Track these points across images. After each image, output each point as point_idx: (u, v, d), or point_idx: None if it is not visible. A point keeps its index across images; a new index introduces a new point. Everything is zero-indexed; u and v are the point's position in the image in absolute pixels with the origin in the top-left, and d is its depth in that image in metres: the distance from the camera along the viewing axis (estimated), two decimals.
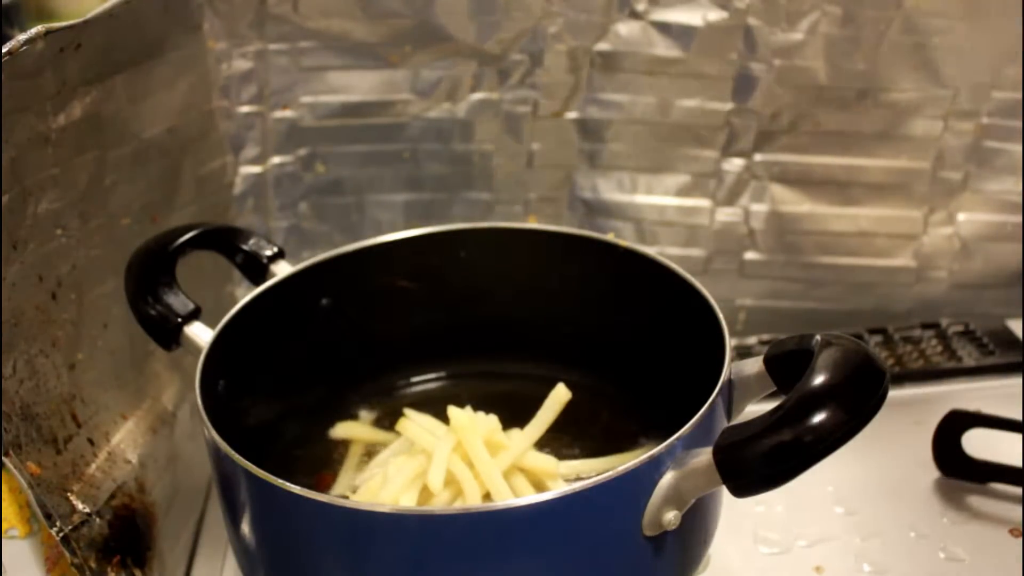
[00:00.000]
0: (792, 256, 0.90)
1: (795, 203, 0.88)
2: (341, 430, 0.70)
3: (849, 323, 0.90)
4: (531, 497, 0.49)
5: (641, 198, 0.88)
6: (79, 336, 0.67)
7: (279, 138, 0.83)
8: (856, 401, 0.48)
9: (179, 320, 0.63)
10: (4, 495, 0.61)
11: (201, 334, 0.63)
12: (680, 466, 0.51)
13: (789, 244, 0.89)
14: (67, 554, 0.60)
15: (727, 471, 0.49)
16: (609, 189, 0.88)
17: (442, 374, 0.75)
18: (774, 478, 0.47)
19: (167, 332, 0.64)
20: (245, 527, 0.55)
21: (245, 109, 0.82)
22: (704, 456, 0.50)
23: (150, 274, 0.65)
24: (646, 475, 0.50)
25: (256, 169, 0.84)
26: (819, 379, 0.48)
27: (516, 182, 0.88)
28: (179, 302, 0.64)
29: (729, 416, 0.57)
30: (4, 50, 0.53)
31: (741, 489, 0.48)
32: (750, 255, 0.90)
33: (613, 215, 0.89)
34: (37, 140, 0.61)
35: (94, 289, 0.68)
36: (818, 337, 0.52)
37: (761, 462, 0.48)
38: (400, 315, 0.73)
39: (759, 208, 0.88)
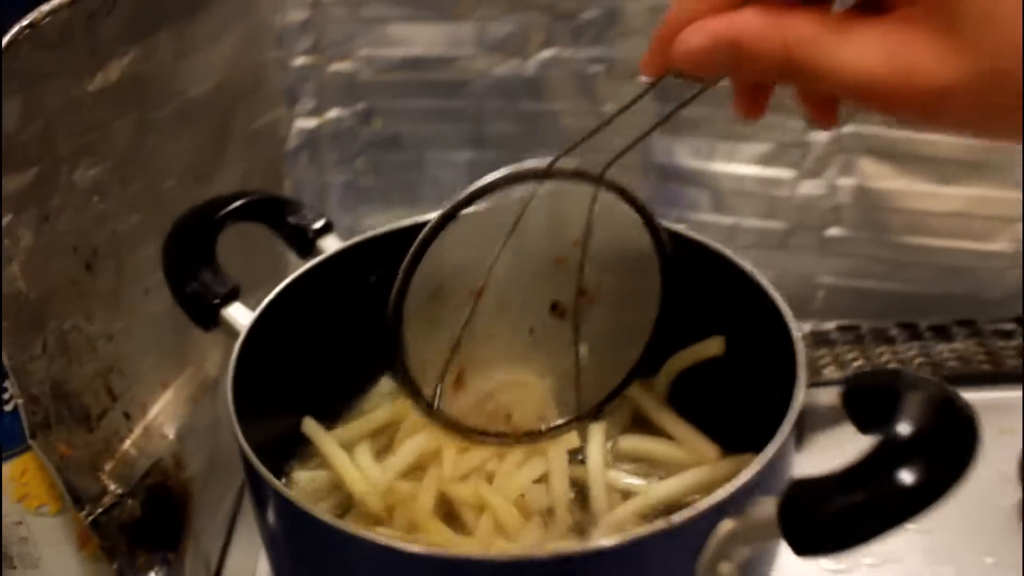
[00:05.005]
0: (879, 234, 0.83)
1: (885, 178, 0.81)
2: None
3: (936, 309, 0.84)
4: (580, 546, 0.45)
5: (719, 166, 0.82)
6: (118, 305, 0.64)
7: (336, 91, 0.79)
8: (946, 460, 0.43)
9: (217, 301, 0.60)
10: (34, 473, 0.59)
11: (240, 316, 0.60)
12: (740, 513, 0.46)
13: (876, 222, 0.83)
14: (96, 538, 0.59)
15: (792, 531, 0.44)
16: (685, 155, 0.82)
17: None
18: (844, 543, 0.43)
19: (205, 312, 0.60)
20: (278, 547, 0.52)
21: (300, 61, 0.77)
22: (767, 508, 0.45)
23: (189, 250, 0.62)
24: (703, 524, 0.46)
25: (311, 123, 0.80)
26: (904, 431, 0.44)
27: (587, 144, 0.82)
28: (218, 281, 0.61)
29: (799, 444, 0.53)
30: (26, 22, 0.49)
31: (806, 551, 0.44)
32: (833, 231, 0.84)
33: (688, 182, 0.83)
34: (70, 106, 0.57)
35: (135, 254, 0.65)
36: (903, 377, 0.47)
37: (831, 525, 0.43)
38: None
39: (846, 182, 0.82)
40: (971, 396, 0.78)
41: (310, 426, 0.62)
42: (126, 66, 0.61)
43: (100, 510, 0.58)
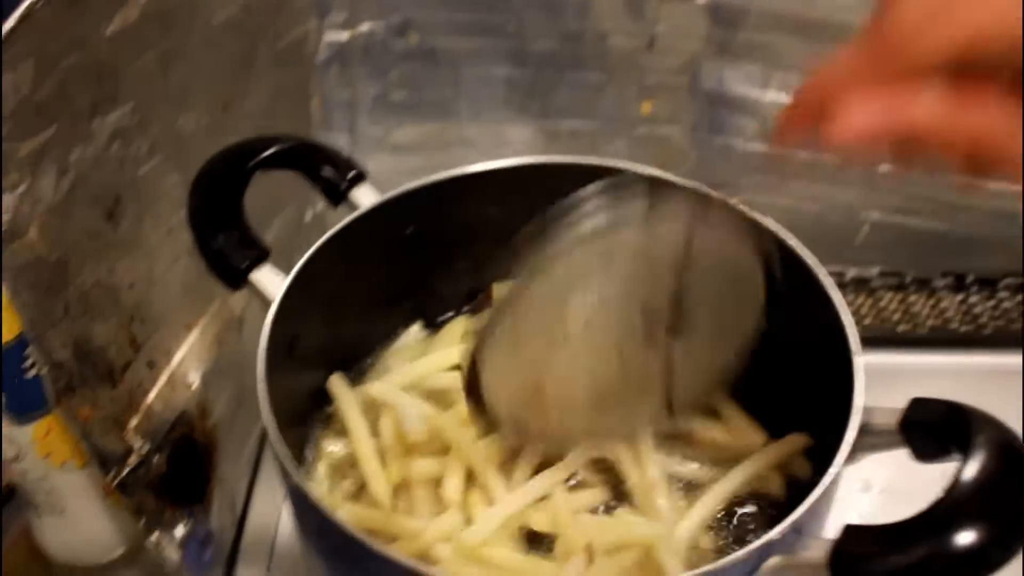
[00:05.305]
0: (932, 174, 0.79)
1: None
2: None
3: (983, 252, 0.81)
4: None
5: (772, 95, 0.78)
6: (139, 251, 0.61)
7: (369, 3, 0.73)
8: (1008, 523, 0.42)
9: (245, 265, 0.57)
10: (58, 433, 0.58)
11: (269, 282, 0.57)
12: (788, 551, 0.45)
13: (931, 160, 0.79)
14: (123, 498, 0.58)
15: None
16: (737, 81, 0.78)
17: None
18: None
19: (232, 275, 0.58)
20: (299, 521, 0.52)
21: None
22: (817, 551, 0.44)
23: (217, 203, 0.58)
24: (751, 563, 0.45)
25: (343, 36, 0.75)
26: (965, 484, 0.42)
27: (633, 65, 0.77)
28: (246, 240, 0.58)
29: (849, 461, 0.51)
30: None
31: None
32: (886, 167, 0.79)
33: (737, 110, 0.79)
34: (87, 56, 0.53)
35: (157, 195, 0.62)
36: (967, 414, 0.45)
37: None
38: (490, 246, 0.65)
39: None
40: (1013, 360, 0.76)
41: (336, 386, 0.60)
42: (145, 3, 0.56)
43: (126, 471, 0.57)
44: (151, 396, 0.61)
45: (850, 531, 0.43)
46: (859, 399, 0.50)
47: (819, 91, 0.37)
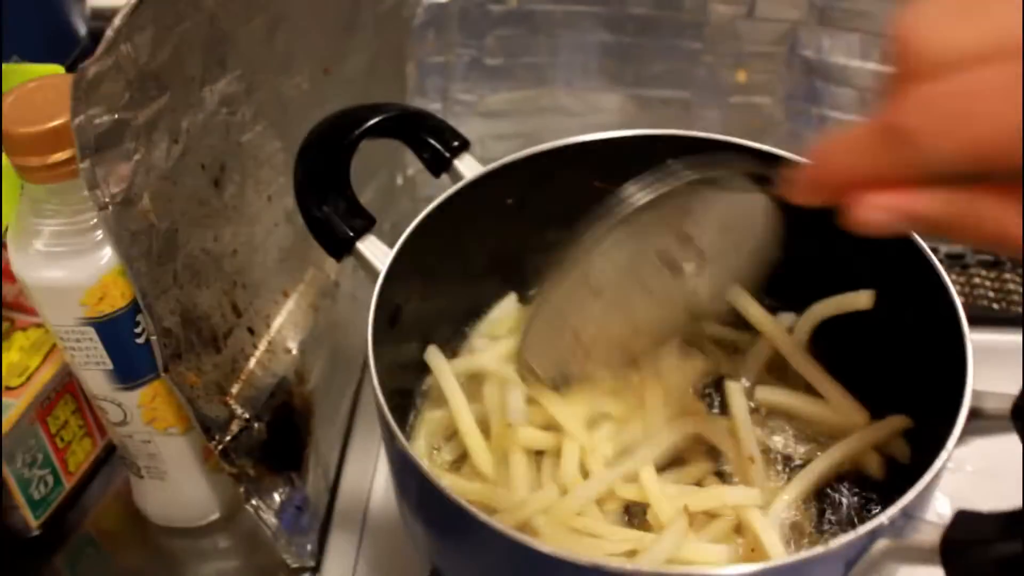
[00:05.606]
0: None
1: None
2: None
3: None
4: (736, 568, 0.44)
5: (871, 65, 0.76)
6: (242, 218, 0.62)
7: None
8: None
9: (351, 235, 0.57)
10: (164, 398, 0.59)
11: (374, 252, 0.57)
12: (897, 535, 0.45)
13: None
14: (225, 465, 0.59)
15: (956, 569, 0.43)
16: (836, 50, 0.76)
17: None
18: None
19: (338, 244, 0.58)
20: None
21: None
22: (928, 535, 0.44)
23: (323, 173, 0.58)
24: (859, 545, 0.45)
25: None
26: None
27: (731, 34, 0.76)
28: (352, 210, 0.58)
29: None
30: None
31: None
32: None
33: (834, 79, 0.77)
34: (200, 22, 0.54)
35: (259, 161, 0.62)
36: None
37: (994, 570, 0.42)
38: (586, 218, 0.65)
39: None
40: None
41: (434, 358, 0.61)
42: None
43: (229, 438, 0.58)
44: (252, 362, 0.62)
45: (961, 518, 0.43)
46: (971, 383, 0.49)
47: (831, 170, 0.37)
